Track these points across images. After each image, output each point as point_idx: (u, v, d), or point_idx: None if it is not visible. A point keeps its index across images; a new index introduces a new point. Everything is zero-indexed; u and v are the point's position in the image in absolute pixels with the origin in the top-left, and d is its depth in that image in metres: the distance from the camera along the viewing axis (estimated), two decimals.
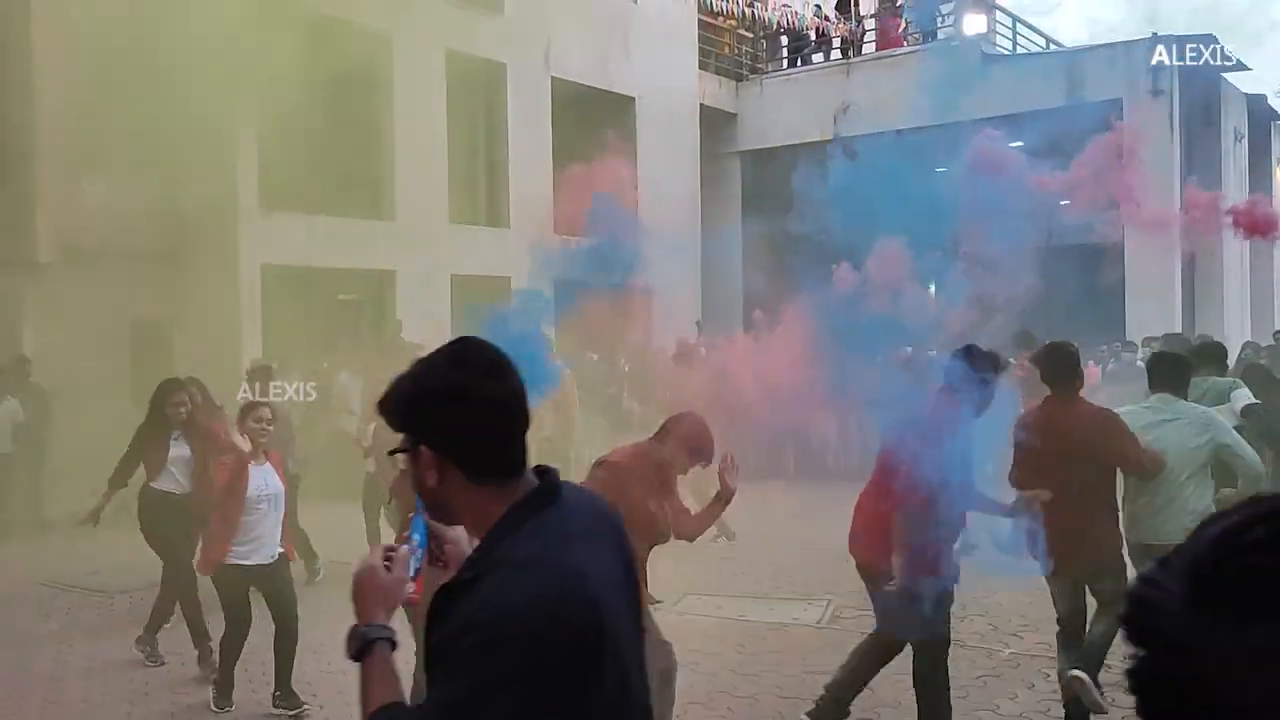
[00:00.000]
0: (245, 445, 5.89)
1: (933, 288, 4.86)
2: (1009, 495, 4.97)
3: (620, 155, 17.71)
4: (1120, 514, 5.16)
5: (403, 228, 14.41)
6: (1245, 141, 18.57)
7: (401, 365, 1.80)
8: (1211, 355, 6.69)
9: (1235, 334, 16.07)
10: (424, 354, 1.80)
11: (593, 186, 5.15)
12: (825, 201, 4.54)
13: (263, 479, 5.74)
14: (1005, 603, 7.10)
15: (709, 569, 8.66)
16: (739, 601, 7.71)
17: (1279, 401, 7.00)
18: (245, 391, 8.71)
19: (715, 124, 19.47)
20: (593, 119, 17.86)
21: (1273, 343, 11.17)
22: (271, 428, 5.89)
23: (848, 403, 10.86)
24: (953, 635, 6.63)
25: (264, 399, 7.51)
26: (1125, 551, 5.09)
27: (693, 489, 5.63)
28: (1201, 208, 6.13)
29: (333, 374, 12.30)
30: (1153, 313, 14.89)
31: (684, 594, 7.75)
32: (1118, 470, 5.10)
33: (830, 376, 4.80)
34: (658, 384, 10.83)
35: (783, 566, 8.78)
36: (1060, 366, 5.15)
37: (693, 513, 4.58)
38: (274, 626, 5.75)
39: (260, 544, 5.72)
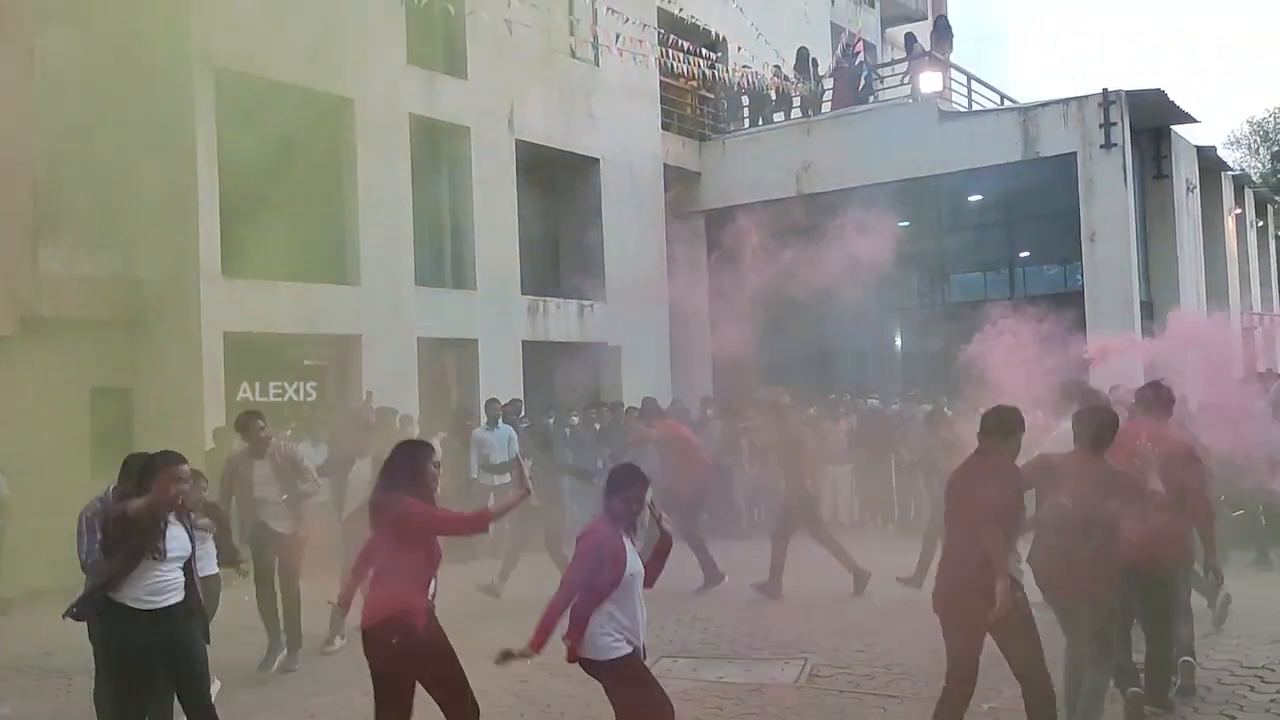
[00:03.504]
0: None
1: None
2: None
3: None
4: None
5: (368, 292, 14.33)
6: (1197, 193, 18.93)
7: (373, 430, 1.75)
8: None
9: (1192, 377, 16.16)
10: (396, 418, 1.75)
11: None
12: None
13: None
14: (982, 658, 7.00)
15: (684, 630, 8.54)
16: (715, 663, 7.59)
17: None
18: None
19: (679, 183, 19.65)
20: (558, 180, 17.98)
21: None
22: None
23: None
24: (930, 690, 6.54)
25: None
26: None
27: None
28: None
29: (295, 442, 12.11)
30: (1113, 361, 14.97)
31: (660, 656, 7.63)
32: None
33: None
34: None
35: (756, 625, 8.67)
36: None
37: None
38: None
39: None
